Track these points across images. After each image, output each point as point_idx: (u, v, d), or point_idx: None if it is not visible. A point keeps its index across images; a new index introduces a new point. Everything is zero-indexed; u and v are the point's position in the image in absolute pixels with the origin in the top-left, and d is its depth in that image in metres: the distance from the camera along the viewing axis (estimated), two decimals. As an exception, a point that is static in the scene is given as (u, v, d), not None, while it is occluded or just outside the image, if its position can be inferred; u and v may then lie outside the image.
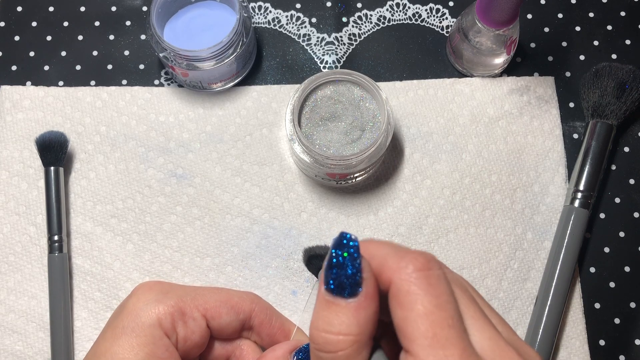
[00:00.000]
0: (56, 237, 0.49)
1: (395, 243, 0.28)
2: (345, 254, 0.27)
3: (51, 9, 0.57)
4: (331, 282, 0.27)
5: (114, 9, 0.57)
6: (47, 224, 0.50)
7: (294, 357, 0.37)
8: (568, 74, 0.56)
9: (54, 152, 0.50)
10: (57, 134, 0.51)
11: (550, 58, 0.56)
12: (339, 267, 0.27)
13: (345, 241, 0.27)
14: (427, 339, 0.25)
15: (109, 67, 0.55)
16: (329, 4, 0.57)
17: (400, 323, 0.26)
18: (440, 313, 0.25)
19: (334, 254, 0.27)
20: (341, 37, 0.56)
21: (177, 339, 0.36)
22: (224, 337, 0.40)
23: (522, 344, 0.27)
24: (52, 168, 0.50)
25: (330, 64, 0.56)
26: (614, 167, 0.54)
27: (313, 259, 0.40)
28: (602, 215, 0.52)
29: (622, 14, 0.57)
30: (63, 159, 0.51)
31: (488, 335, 0.26)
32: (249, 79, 0.55)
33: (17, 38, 0.56)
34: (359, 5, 0.57)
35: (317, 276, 0.38)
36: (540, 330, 0.48)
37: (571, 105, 0.55)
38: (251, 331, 0.40)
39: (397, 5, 0.57)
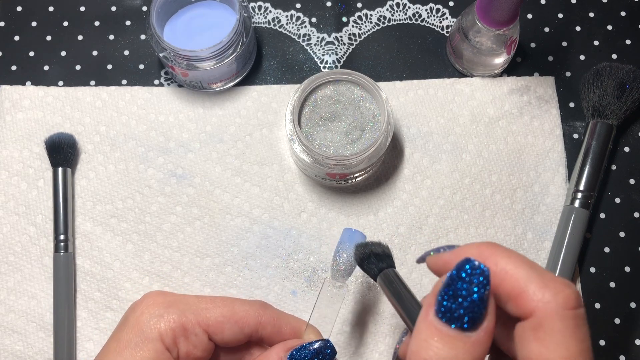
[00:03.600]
0: (62, 237, 0.50)
1: (527, 259, 0.26)
2: (474, 285, 0.24)
3: (51, 9, 0.57)
4: (450, 311, 0.24)
5: (114, 9, 0.57)
6: (53, 223, 0.50)
7: (289, 357, 0.37)
8: (568, 74, 0.56)
9: (63, 153, 0.51)
10: (66, 135, 0.52)
11: (550, 58, 0.56)
12: (462, 297, 0.24)
13: (473, 269, 0.24)
14: None
15: (109, 67, 0.55)
16: (329, 4, 0.57)
17: (533, 357, 0.24)
18: None
19: (458, 281, 0.24)
20: (341, 37, 0.56)
21: (179, 354, 0.36)
22: (231, 347, 0.39)
23: None
24: (60, 169, 0.51)
25: (330, 64, 0.56)
26: (614, 167, 0.54)
27: (370, 258, 0.37)
28: (602, 215, 0.52)
29: (622, 14, 0.57)
30: (71, 160, 0.51)
31: None
32: (249, 79, 0.55)
33: (17, 38, 0.56)
34: (359, 5, 0.57)
35: (374, 278, 0.36)
36: (541, 331, 0.48)
37: (571, 105, 0.55)
38: (262, 340, 0.40)
39: (397, 5, 0.57)
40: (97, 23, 0.57)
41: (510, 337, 0.27)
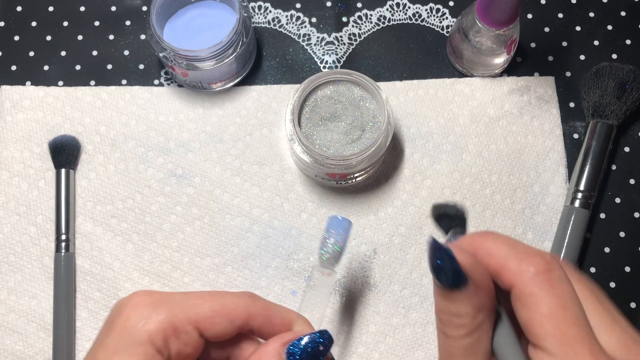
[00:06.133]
0: (64, 237, 0.50)
1: (512, 240, 0.30)
2: (440, 262, 0.29)
3: (51, 9, 0.57)
4: (440, 280, 0.29)
5: (113, 8, 0.57)
6: (55, 223, 0.50)
7: (286, 351, 0.36)
8: (568, 73, 0.56)
9: (66, 154, 0.51)
10: (69, 137, 0.52)
11: (550, 58, 0.56)
12: (442, 271, 0.29)
13: (439, 252, 0.29)
14: (556, 338, 0.26)
15: (109, 67, 0.55)
16: (329, 3, 0.57)
17: (526, 322, 0.27)
18: (565, 313, 0.27)
19: (433, 261, 0.29)
20: (341, 37, 0.56)
21: (170, 355, 0.36)
22: (222, 341, 0.39)
23: None
24: (62, 170, 0.51)
25: (330, 63, 0.56)
26: (614, 167, 0.54)
27: (443, 217, 0.40)
28: (602, 215, 0.52)
29: (623, 13, 0.57)
30: (73, 161, 0.52)
31: (616, 335, 0.28)
32: (249, 79, 0.55)
33: (17, 38, 0.56)
34: (359, 5, 0.57)
35: (446, 234, 0.39)
36: (541, 331, 0.48)
37: (571, 105, 0.55)
38: (252, 332, 0.40)
39: (397, 5, 0.57)
40: (97, 23, 0.57)
41: None
